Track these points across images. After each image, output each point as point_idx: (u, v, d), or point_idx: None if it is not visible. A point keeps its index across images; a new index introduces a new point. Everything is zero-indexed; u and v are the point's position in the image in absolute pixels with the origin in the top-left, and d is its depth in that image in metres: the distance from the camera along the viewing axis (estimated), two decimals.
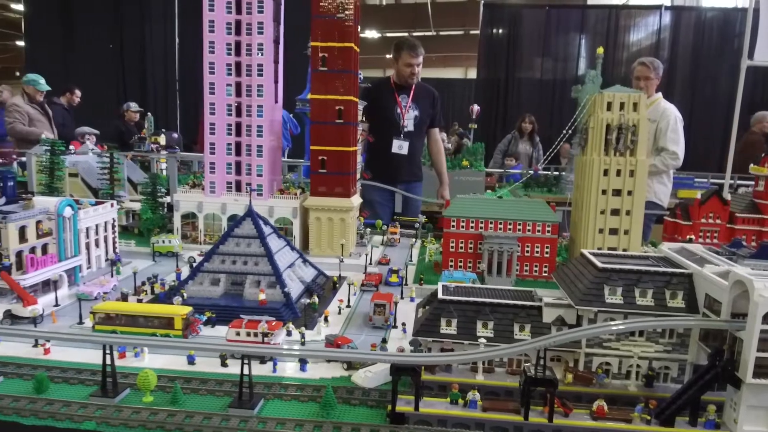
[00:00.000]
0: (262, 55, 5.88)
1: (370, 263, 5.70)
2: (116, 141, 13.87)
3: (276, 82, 6.16)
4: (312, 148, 6.00)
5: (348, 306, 4.46)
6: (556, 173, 12.66)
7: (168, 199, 6.75)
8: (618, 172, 4.95)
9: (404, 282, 5.04)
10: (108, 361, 2.93)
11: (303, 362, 3.34)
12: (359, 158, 6.66)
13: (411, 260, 5.95)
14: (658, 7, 19.04)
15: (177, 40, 20.77)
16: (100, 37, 21.13)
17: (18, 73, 41.59)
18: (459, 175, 10.55)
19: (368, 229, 6.84)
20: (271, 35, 5.90)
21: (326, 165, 5.99)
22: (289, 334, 3.78)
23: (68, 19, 21.38)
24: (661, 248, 3.53)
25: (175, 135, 13.83)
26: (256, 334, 3.45)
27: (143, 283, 4.64)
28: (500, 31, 19.84)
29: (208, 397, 3.01)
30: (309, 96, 5.88)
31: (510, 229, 5.19)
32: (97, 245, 5.04)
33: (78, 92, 15.23)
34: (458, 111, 22.74)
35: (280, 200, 6.10)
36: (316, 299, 4.39)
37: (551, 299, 3.19)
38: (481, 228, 5.22)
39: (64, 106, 14.72)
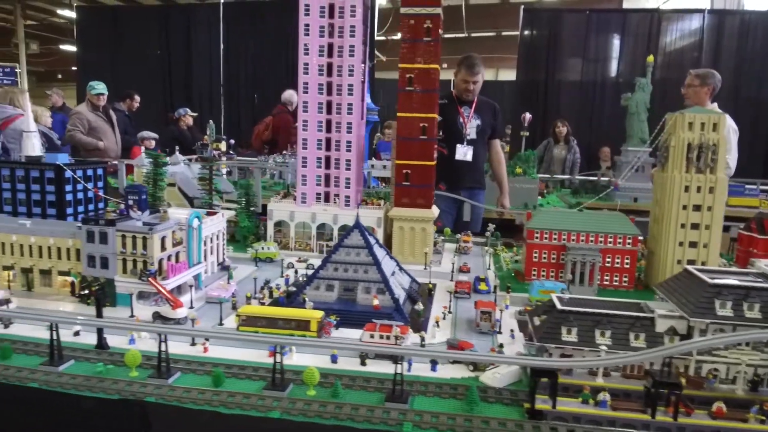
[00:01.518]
0: (352, 75, 6.32)
1: (452, 271, 6.10)
2: (171, 146, 14.49)
3: (362, 99, 6.61)
4: (397, 162, 6.43)
5: (449, 312, 4.86)
6: (605, 179, 12.90)
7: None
8: (698, 189, 5.27)
9: (493, 290, 5.43)
10: (278, 360, 3.38)
11: (434, 363, 3.76)
12: None
13: (489, 268, 6.34)
14: (701, 11, 19.04)
15: (222, 46, 21.41)
16: (147, 43, 21.94)
17: (60, 76, 43.20)
18: (513, 182, 10.84)
19: (441, 237, 7.25)
20: (361, 57, 6.34)
21: (410, 178, 6.41)
22: None
23: (117, 26, 22.20)
24: (758, 265, 3.86)
25: (232, 141, 14.43)
26: (389, 337, 3.88)
27: (262, 288, 5.12)
28: (540, 34, 20.03)
29: (361, 392, 3.44)
30: (397, 114, 6.28)
31: (592, 241, 5.54)
32: (211, 252, 5.53)
33: (137, 98, 15.91)
34: None
35: (366, 210, 6.54)
36: (420, 305, 4.81)
37: (663, 311, 3.54)
38: (564, 239, 5.57)
39: (125, 112, 15.39)
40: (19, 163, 5.31)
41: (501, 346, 3.99)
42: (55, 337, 3.58)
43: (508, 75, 35.61)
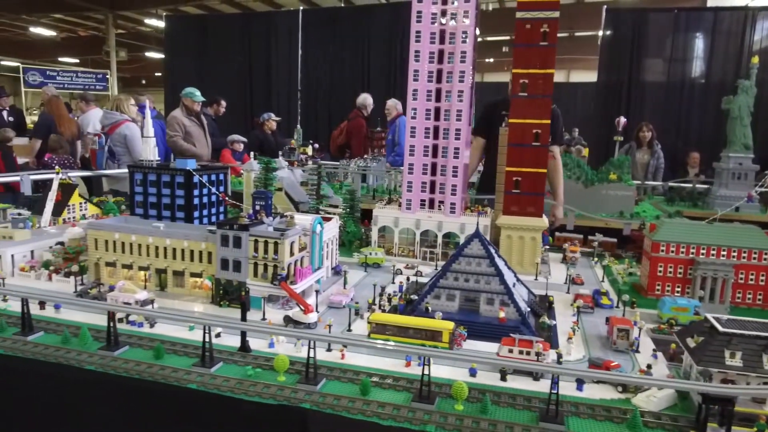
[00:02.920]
0: (463, 81, 6.26)
1: (567, 282, 5.91)
2: (256, 149, 14.93)
3: (471, 105, 6.54)
4: (507, 169, 6.30)
5: (578, 327, 4.69)
6: (704, 186, 12.21)
7: None
8: None
9: (616, 305, 5.21)
10: (426, 372, 3.36)
11: (580, 382, 3.63)
12: None
13: (604, 281, 6.10)
14: None
15: (300, 51, 21.88)
16: (230, 50, 22.74)
17: (144, 81, 45.70)
18: (606, 188, 10.44)
19: (545, 247, 7.05)
20: (472, 62, 6.27)
21: (520, 186, 6.27)
22: None
23: (202, 34, 23.17)
24: None
25: (317, 145, 14.72)
26: (528, 353, 3.79)
27: (380, 294, 5.14)
28: (623, 34, 19.24)
29: (508, 409, 3.37)
30: (509, 120, 6.17)
31: (724, 255, 5.21)
32: (327, 257, 5.62)
33: (224, 103, 16.52)
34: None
35: (472, 218, 6.45)
36: (548, 319, 4.68)
37: None
38: (693, 253, 5.27)
39: (212, 116, 16.03)
40: (151, 168, 5.61)
41: (649, 367, 3.80)
42: (207, 339, 3.72)
43: (581, 76, 34.47)
